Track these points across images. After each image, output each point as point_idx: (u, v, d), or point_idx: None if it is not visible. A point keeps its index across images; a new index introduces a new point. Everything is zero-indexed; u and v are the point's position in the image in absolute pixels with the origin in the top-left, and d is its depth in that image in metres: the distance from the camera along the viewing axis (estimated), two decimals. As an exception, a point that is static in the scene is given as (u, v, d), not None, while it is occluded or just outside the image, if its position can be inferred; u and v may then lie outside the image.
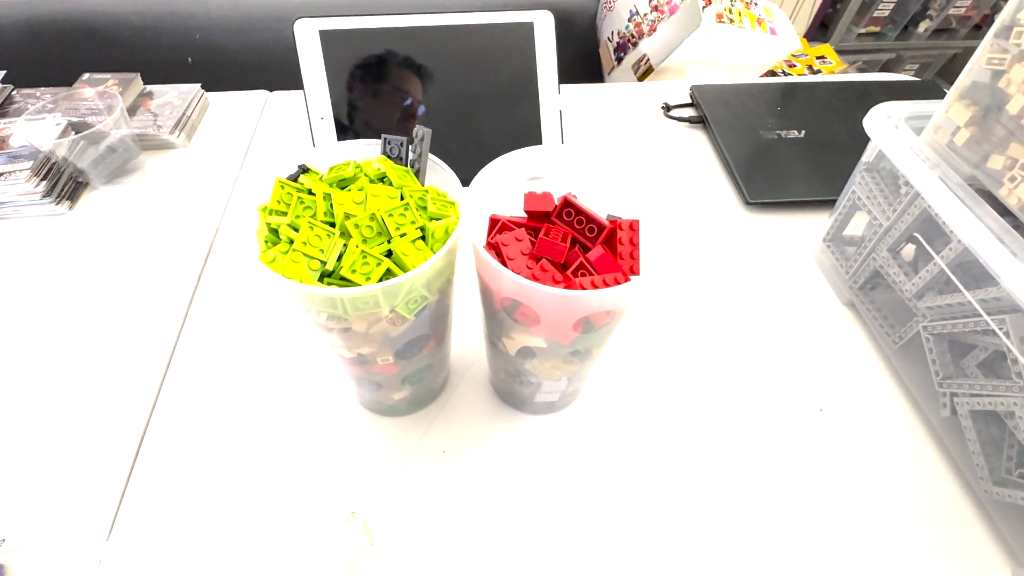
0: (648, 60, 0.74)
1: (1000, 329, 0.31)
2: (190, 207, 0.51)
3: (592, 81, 0.87)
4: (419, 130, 0.27)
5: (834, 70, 1.09)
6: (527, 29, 0.51)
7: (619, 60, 0.80)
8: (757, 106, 0.62)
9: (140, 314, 0.42)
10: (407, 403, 0.35)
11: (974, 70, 0.33)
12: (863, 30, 1.35)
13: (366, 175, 0.26)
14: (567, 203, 0.29)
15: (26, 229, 0.49)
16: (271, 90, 0.67)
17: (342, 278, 0.23)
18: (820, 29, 1.34)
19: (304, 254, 0.23)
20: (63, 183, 0.50)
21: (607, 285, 0.24)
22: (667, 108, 0.64)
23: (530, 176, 0.31)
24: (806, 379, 0.40)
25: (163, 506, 0.33)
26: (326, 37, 0.47)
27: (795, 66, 1.09)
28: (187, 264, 0.46)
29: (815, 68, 1.09)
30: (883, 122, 0.39)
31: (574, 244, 0.29)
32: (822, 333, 0.43)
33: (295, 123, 0.60)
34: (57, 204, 0.49)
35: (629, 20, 0.77)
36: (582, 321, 0.25)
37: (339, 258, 0.23)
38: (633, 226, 0.28)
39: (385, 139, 0.28)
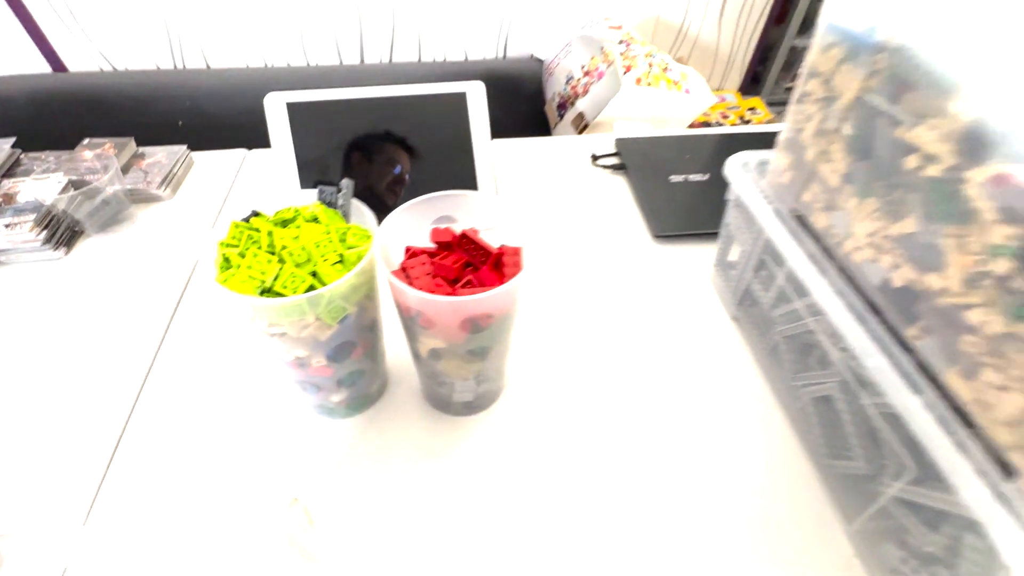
0: (584, 117, 0.85)
1: (816, 328, 0.39)
2: (171, 252, 0.59)
3: (541, 135, 0.98)
4: (344, 182, 0.35)
5: (763, 120, 1.22)
6: (461, 98, 0.60)
7: (561, 117, 0.92)
8: (670, 154, 0.72)
9: (124, 339, 0.49)
10: (346, 406, 0.42)
11: (787, 127, 0.42)
12: (790, 84, 1.51)
13: (303, 216, 0.34)
14: (464, 236, 0.37)
15: (26, 272, 0.56)
16: (250, 148, 0.76)
17: (277, 292, 0.30)
18: (752, 83, 1.49)
19: (249, 275, 0.30)
20: (61, 232, 0.58)
21: (478, 293, 0.31)
22: (595, 158, 0.74)
23: (439, 215, 0.39)
24: (697, 380, 0.47)
25: (135, 495, 0.38)
26: (292, 108, 0.56)
27: (728, 116, 1.22)
28: (165, 299, 0.53)
29: (746, 119, 1.22)
30: (739, 167, 0.48)
31: (469, 266, 0.36)
32: (712, 342, 0.51)
33: (268, 177, 0.69)
34: (55, 250, 0.57)
35: (567, 83, 0.89)
36: (468, 322, 0.33)
37: (276, 278, 0.31)
38: (516, 251, 0.36)
39: (320, 189, 0.36)
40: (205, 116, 0.98)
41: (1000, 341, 0.26)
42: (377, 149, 0.59)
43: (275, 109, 0.56)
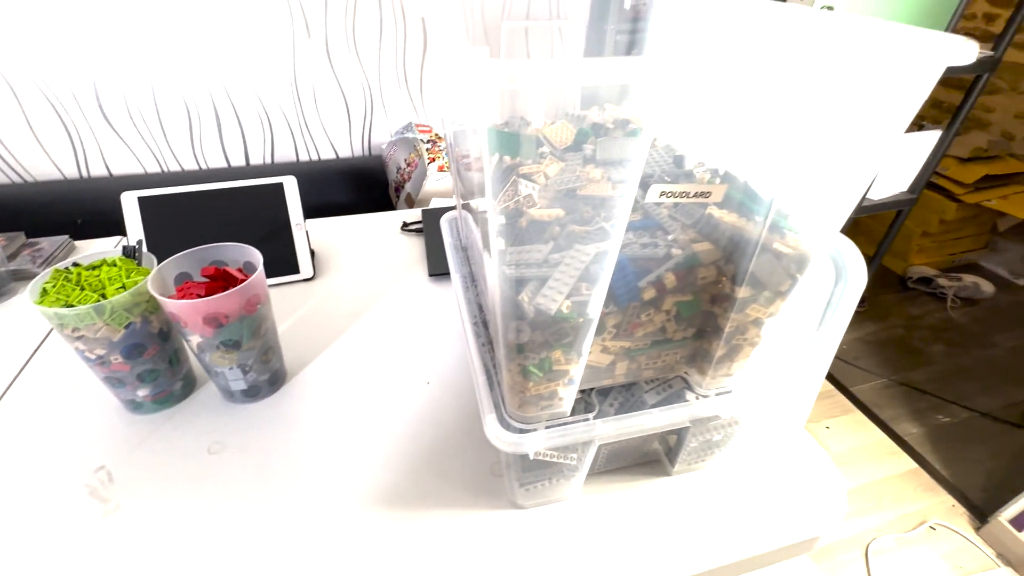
0: (411, 197, 1.10)
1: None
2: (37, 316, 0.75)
3: (389, 210, 1.21)
4: (138, 240, 0.55)
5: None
6: (280, 187, 0.83)
7: (398, 197, 1.16)
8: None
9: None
10: (152, 401, 0.58)
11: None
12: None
13: (107, 263, 0.53)
14: (224, 271, 0.56)
15: (-87, 337, 0.70)
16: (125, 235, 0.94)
17: (73, 307, 0.48)
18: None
19: (57, 298, 0.48)
20: (-52, 305, 0.73)
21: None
22: (405, 225, 0.97)
23: (213, 260, 0.59)
24: (444, 359, 0.66)
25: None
26: (142, 201, 0.76)
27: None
28: (28, 346, 0.69)
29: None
30: (446, 221, 0.71)
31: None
32: (452, 341, 0.71)
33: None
34: (-60, 318, 0.72)
35: (397, 172, 1.15)
36: (209, 319, 0.52)
37: (76, 299, 0.49)
38: (248, 277, 0.56)
39: (123, 246, 0.55)
40: (99, 213, 1.16)
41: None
42: (178, 219, 0.80)
43: (129, 203, 0.76)
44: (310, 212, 0.97)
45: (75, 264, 0.54)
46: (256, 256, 0.57)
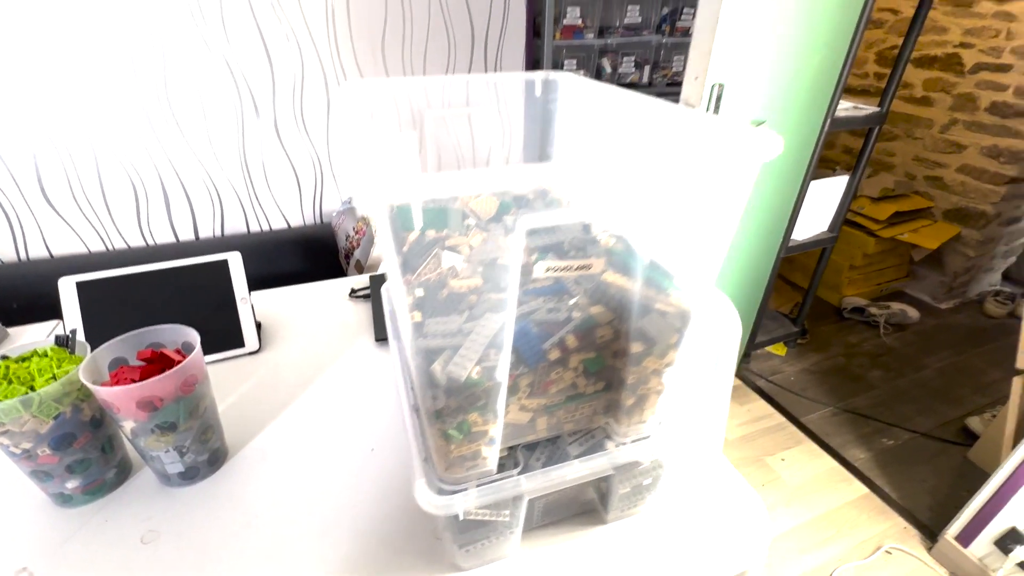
0: (360, 263, 1.14)
1: (408, 378, 0.62)
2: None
3: (340, 277, 1.23)
4: (71, 329, 0.55)
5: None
6: (224, 264, 0.84)
7: (348, 264, 1.20)
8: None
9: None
10: (83, 492, 0.57)
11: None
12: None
13: (37, 353, 0.54)
14: (161, 353, 0.57)
15: None
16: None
17: None
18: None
19: (-18, 394, 0.48)
20: None
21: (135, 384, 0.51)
22: (353, 291, 1.00)
23: (151, 342, 0.60)
24: (376, 433, 0.68)
25: None
26: (80, 286, 0.77)
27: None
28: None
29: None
30: (386, 288, 0.74)
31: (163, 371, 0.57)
32: (396, 405, 0.72)
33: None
34: None
35: (346, 240, 1.19)
36: (143, 403, 0.52)
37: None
38: (185, 359, 0.57)
39: (55, 336, 0.56)
40: (37, 297, 1.14)
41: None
42: (118, 302, 0.80)
43: (67, 288, 0.76)
44: (262, 282, 0.99)
45: (3, 357, 0.54)
46: (194, 336, 0.59)
